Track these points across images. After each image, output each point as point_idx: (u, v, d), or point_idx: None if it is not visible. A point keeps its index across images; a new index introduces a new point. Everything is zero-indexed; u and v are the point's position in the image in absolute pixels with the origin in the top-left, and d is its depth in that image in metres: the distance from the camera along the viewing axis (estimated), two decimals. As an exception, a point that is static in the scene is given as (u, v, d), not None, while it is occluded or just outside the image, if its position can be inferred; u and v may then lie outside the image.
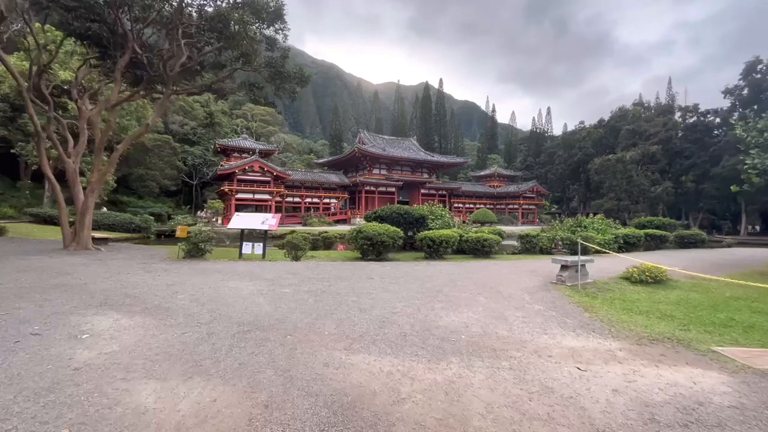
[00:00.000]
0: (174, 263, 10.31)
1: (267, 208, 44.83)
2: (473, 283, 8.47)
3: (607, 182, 55.87)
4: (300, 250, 11.70)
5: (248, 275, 8.66)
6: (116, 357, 3.85)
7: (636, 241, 18.20)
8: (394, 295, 7.04)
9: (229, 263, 10.60)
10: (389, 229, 12.55)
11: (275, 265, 10.55)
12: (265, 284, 7.72)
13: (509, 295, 7.38)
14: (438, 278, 9.01)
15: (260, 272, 9.15)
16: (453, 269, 10.65)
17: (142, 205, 47.98)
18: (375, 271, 9.80)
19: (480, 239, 13.71)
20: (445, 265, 11.46)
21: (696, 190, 54.07)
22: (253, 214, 12.59)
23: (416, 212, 15.77)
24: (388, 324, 5.24)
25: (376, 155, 52.68)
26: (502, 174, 74.95)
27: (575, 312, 6.19)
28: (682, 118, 58.30)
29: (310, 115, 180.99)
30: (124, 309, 5.67)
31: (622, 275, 9.68)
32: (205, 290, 7.03)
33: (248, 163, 42.51)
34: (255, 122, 72.10)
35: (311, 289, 7.33)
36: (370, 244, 12.24)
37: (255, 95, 17.69)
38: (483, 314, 5.90)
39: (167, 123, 56.04)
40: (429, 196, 57.37)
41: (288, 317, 5.46)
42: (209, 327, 4.91)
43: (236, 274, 8.82)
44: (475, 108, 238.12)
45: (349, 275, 9.06)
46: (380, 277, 8.98)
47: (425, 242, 13.00)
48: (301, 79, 16.05)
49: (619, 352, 4.41)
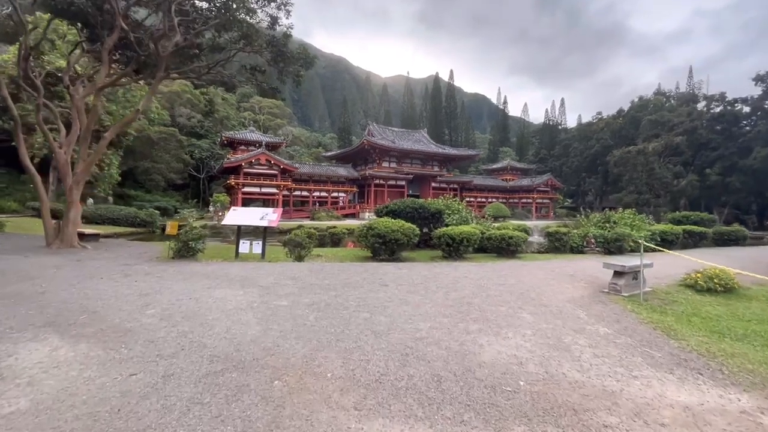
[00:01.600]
0: (160, 264, 9.08)
1: (274, 202, 43.75)
2: (508, 292, 7.05)
3: (627, 175, 53.53)
4: (304, 249, 10.38)
5: (241, 281, 7.35)
6: (11, 426, 2.56)
7: (674, 238, 16.52)
8: (414, 310, 5.67)
9: (223, 265, 9.33)
10: (403, 226, 11.16)
11: (275, 266, 9.25)
12: (259, 294, 6.40)
13: (558, 309, 5.95)
14: (464, 285, 7.61)
15: (256, 276, 7.84)
16: (478, 272, 9.23)
17: (150, 199, 47.24)
18: (389, 275, 8.44)
19: (504, 237, 12.25)
20: (468, 267, 10.04)
21: (722, 183, 51.47)
22: (251, 209, 11.33)
23: (432, 207, 14.33)
24: (412, 358, 3.87)
25: (386, 147, 51.14)
26: (516, 167, 72.73)
27: (656, 338, 4.74)
28: (706, 108, 55.48)
29: (318, 109, 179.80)
30: (72, 331, 4.40)
31: (682, 282, 8.16)
32: (183, 302, 5.74)
33: (255, 155, 41.40)
34: (263, 115, 71.00)
35: (313, 302, 5.99)
36: (382, 243, 10.87)
37: (257, 80, 16.34)
38: (536, 341, 4.49)
39: (174, 116, 55.17)
40: (440, 189, 55.68)
41: (280, 346, 4.13)
42: (170, 363, 3.60)
43: (227, 279, 7.53)
44: (485, 101, 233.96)
45: (358, 281, 7.71)
46: (395, 283, 7.61)
47: (444, 240, 11.58)
48: (306, 60, 14.65)
49: (761, 415, 2.97)
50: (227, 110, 63.47)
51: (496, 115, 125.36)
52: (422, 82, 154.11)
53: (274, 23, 14.25)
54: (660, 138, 52.45)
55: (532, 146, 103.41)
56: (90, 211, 29.01)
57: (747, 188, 49.49)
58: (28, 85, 14.44)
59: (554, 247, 13.92)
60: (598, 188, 66.30)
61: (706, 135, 51.16)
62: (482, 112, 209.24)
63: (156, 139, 46.81)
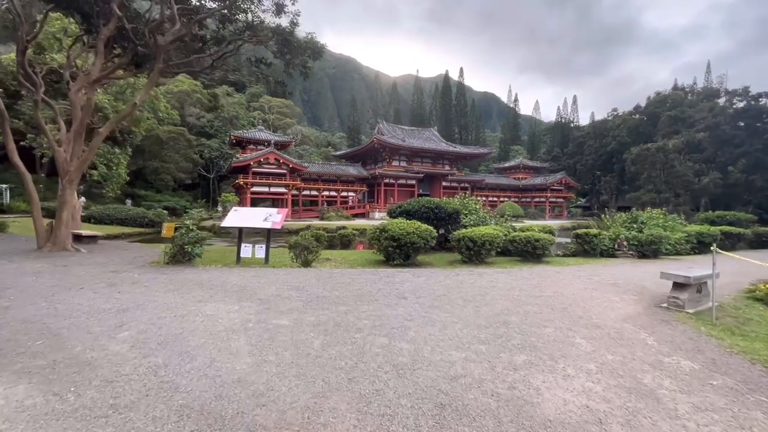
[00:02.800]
0: (152, 271, 8.22)
1: (283, 202, 43.08)
2: (548, 307, 5.99)
3: (645, 173, 51.60)
4: (311, 253, 9.44)
5: (238, 292, 6.42)
6: None
7: (711, 240, 15.22)
8: (442, 333, 4.66)
9: (222, 271, 8.42)
10: (420, 228, 10.15)
11: (278, 273, 8.32)
12: (256, 310, 5.45)
13: (617, 332, 4.88)
14: (494, 297, 6.57)
15: (256, 286, 6.91)
16: (506, 280, 8.17)
17: (159, 199, 47.01)
18: (406, 285, 7.43)
19: (530, 240, 11.14)
20: (494, 274, 8.99)
21: (745, 181, 49.28)
22: (254, 209, 10.43)
23: (449, 206, 13.28)
24: (451, 412, 2.87)
25: (396, 146, 50.10)
26: (528, 165, 71.05)
27: (761, 377, 3.66)
28: (728, 103, 53.24)
29: (328, 109, 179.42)
30: (17, 364, 3.50)
31: (748, 293, 7.00)
32: (165, 322, 4.82)
33: (263, 155, 40.72)
34: (272, 114, 70.55)
35: (320, 321, 5.02)
36: (397, 246, 9.88)
37: (263, 73, 15.48)
38: (607, 382, 3.45)
39: (184, 116, 54.99)
40: (451, 188, 54.45)
41: (274, 389, 3.16)
42: (124, 420, 2.65)
43: (223, 289, 6.60)
44: (494, 99, 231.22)
45: (372, 292, 6.72)
46: (414, 295, 6.60)
47: (464, 243, 10.53)
48: (314, 50, 13.71)
49: None
50: (237, 110, 63.16)
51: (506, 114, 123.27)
52: (431, 81, 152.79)
53: (280, 11, 13.34)
54: (680, 135, 50.48)
55: (543, 144, 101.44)
56: (98, 211, 28.66)
57: (773, 186, 47.29)
58: (27, 80, 13.76)
59: (583, 251, 12.75)
60: (614, 187, 64.21)
61: (729, 131, 49.02)
62: (491, 111, 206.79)
63: (165, 138, 46.53)
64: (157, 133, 44.60)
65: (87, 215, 28.44)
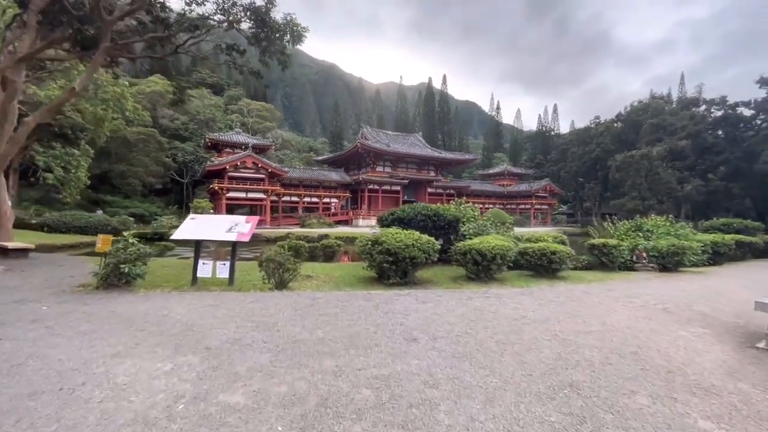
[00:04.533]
0: (70, 301, 6.17)
1: (262, 208, 40.74)
2: (613, 352, 4.35)
3: (630, 180, 51.66)
4: (287, 271, 7.58)
5: (179, 336, 4.51)
6: None
7: (727, 249, 14.15)
8: (489, 412, 2.93)
9: (168, 298, 6.45)
10: (421, 239, 8.44)
11: (244, 300, 6.42)
12: (198, 370, 3.59)
13: (741, 400, 3.27)
14: (533, 335, 4.90)
15: (207, 324, 5.01)
16: (534, 306, 6.53)
17: (127, 205, 43.85)
18: (411, 316, 5.68)
19: (545, 252, 9.59)
20: (514, 296, 7.35)
21: (724, 188, 49.93)
22: (215, 217, 8.55)
23: (448, 214, 11.66)
24: None
25: (380, 151, 48.56)
26: (513, 172, 70.79)
27: None
28: (707, 111, 54.14)
29: (310, 115, 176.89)
30: None
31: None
32: (40, 402, 2.92)
33: (240, 158, 38.42)
34: (251, 118, 67.96)
35: (295, 393, 3.20)
36: (393, 261, 8.13)
37: (234, 62, 13.60)
38: None
39: (156, 117, 51.93)
40: (436, 195, 53.21)
41: None
42: None
43: (159, 331, 4.68)
44: (476, 108, 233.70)
45: (369, 331, 4.94)
46: (427, 334, 4.86)
47: (471, 257, 8.88)
48: (294, 33, 11.93)
49: None
50: (213, 112, 60.34)
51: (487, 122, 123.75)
52: (414, 89, 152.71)
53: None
54: (663, 142, 50.82)
55: (525, 152, 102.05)
56: (54, 218, 25.83)
57: (750, 194, 47.98)
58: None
59: (600, 263, 11.30)
60: (597, 194, 64.40)
61: (710, 139, 49.65)
62: (473, 120, 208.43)
63: (133, 140, 43.49)
64: (124, 135, 41.58)
65: (40, 223, 25.63)
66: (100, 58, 10.10)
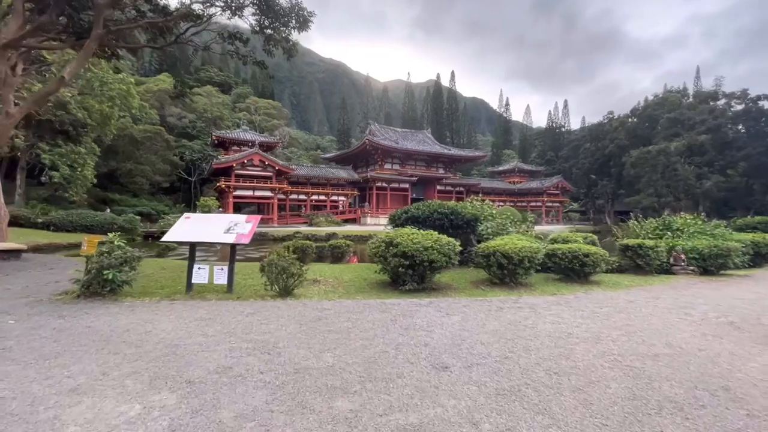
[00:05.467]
0: (44, 312, 5.42)
1: (269, 207, 40.16)
2: (690, 383, 3.46)
3: (646, 176, 50.00)
4: (292, 276, 6.77)
5: (157, 362, 3.71)
6: None
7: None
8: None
9: (155, 309, 5.67)
10: (440, 241, 7.57)
11: (242, 312, 5.62)
12: (172, 417, 2.78)
13: None
14: (588, 360, 4.02)
15: (194, 345, 4.20)
16: (577, 320, 5.62)
17: (135, 204, 43.51)
18: (436, 333, 4.82)
19: (577, 254, 8.66)
20: (549, 306, 6.45)
21: (746, 185, 48.09)
22: (212, 216, 7.79)
23: (467, 212, 10.75)
24: None
25: (389, 148, 47.65)
26: (523, 169, 69.32)
27: None
28: (726, 105, 52.18)
29: (317, 114, 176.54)
30: None
31: None
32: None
33: (247, 155, 37.81)
34: (259, 116, 67.48)
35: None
36: (410, 266, 7.28)
37: (237, 52, 12.83)
38: None
39: (164, 116, 51.61)
40: (445, 192, 52.15)
41: None
42: None
43: (136, 354, 3.89)
44: (483, 105, 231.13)
45: (389, 354, 4.09)
46: (460, 359, 4.00)
47: (495, 259, 7.98)
48: (301, 18, 11.09)
49: None
50: (221, 110, 59.89)
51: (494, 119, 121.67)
52: (422, 86, 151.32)
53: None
54: (681, 137, 49.03)
55: (534, 149, 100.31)
56: (59, 217, 25.45)
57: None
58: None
59: (634, 266, 10.30)
60: (610, 191, 62.57)
61: (731, 134, 47.82)
62: (480, 117, 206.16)
63: (140, 138, 43.13)
64: (131, 133, 41.28)
65: (46, 222, 25.24)
66: (93, 45, 9.37)
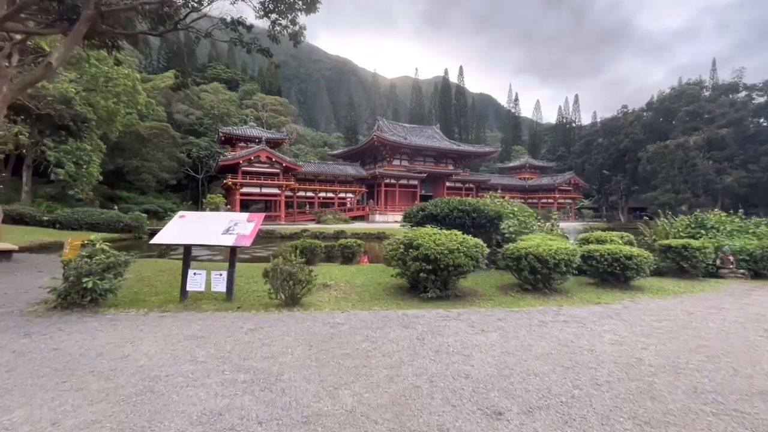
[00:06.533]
0: (10, 328, 4.67)
1: (276, 204, 39.54)
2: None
3: (663, 172, 48.41)
4: (299, 284, 5.94)
5: (126, 402, 2.90)
6: None
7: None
8: None
9: (141, 325, 4.87)
10: (467, 243, 6.68)
11: (241, 328, 4.80)
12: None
13: None
14: (682, 403, 3.15)
15: (178, 378, 3.39)
16: (640, 339, 4.72)
17: (142, 201, 43.09)
18: (476, 360, 3.95)
19: (618, 256, 7.70)
20: (597, 319, 5.55)
21: (767, 180, 46.28)
22: (210, 214, 7.01)
23: (489, 209, 9.82)
24: None
25: (397, 144, 46.68)
26: (534, 165, 67.79)
27: None
28: (748, 97, 50.23)
29: (324, 111, 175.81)
30: None
31: None
32: None
33: (254, 152, 37.15)
34: (266, 112, 66.90)
35: None
36: (432, 270, 6.40)
37: (240, 39, 12.03)
38: None
39: (171, 113, 51.21)
40: (455, 189, 51.03)
41: None
42: None
43: (101, 391, 3.09)
44: (490, 101, 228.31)
45: (421, 389, 3.27)
46: (513, 399, 3.13)
47: (527, 263, 7.06)
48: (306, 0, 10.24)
49: None
50: (228, 107, 59.37)
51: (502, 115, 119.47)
52: (429, 83, 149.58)
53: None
54: (700, 131, 47.33)
55: (544, 144, 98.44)
56: (65, 215, 24.99)
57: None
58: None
59: (678, 269, 9.29)
60: (624, 187, 60.87)
61: (753, 127, 45.99)
62: (488, 113, 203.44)
63: (147, 135, 42.69)
64: (137, 129, 40.84)
65: (51, 220, 24.80)
66: (82, 27, 8.62)
